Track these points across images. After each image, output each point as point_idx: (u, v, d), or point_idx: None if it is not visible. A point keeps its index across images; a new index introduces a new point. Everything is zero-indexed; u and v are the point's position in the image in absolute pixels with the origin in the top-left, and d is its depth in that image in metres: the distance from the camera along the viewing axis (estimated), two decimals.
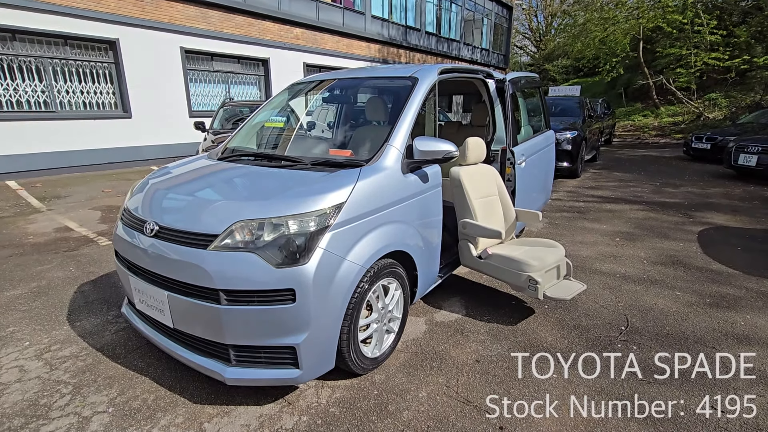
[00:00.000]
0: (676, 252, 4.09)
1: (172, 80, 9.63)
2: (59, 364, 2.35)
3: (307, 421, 1.91)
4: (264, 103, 3.29)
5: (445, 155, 2.32)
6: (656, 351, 2.44)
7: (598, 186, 7.47)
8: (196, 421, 1.91)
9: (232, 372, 1.86)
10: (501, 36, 23.85)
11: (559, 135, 7.87)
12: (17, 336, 2.63)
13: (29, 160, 7.76)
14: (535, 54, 36.71)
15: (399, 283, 2.34)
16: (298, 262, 1.75)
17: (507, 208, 3.13)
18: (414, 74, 2.72)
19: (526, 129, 4.22)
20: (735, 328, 2.69)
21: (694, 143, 10.12)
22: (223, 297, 1.77)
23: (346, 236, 1.91)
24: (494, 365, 2.32)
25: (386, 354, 2.34)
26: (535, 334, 2.63)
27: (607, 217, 5.38)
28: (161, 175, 2.51)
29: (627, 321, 2.79)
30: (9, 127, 7.55)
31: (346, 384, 2.16)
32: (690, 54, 15.12)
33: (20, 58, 7.62)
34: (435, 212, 2.57)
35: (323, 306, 1.82)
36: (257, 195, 1.99)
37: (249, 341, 1.81)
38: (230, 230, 1.80)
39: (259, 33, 11.26)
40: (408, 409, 1.98)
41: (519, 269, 2.64)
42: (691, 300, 3.09)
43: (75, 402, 2.04)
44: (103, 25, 8.38)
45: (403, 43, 16.64)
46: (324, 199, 1.87)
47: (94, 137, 8.58)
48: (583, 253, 4.09)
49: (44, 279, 3.47)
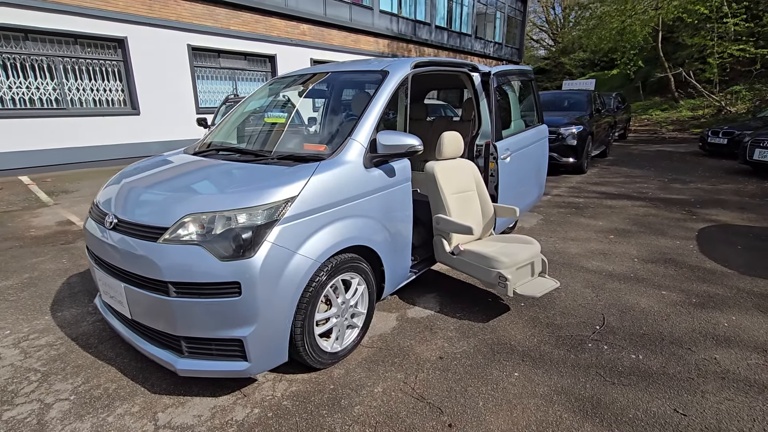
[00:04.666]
0: (670, 250, 3.96)
1: (179, 77, 9.79)
2: (34, 352, 2.43)
3: (258, 414, 1.92)
4: (245, 98, 3.31)
5: (409, 149, 2.29)
6: (628, 351, 2.36)
7: (602, 182, 7.28)
8: (151, 410, 1.95)
9: (183, 363, 1.89)
10: (515, 29, 23.41)
11: (563, 130, 7.70)
12: (1, 325, 2.73)
13: (41, 156, 8.03)
14: (551, 47, 35.95)
15: (363, 278, 2.33)
16: (244, 256, 1.76)
17: (485, 203, 3.08)
18: (385, 68, 2.69)
19: (517, 123, 4.14)
20: (716, 329, 2.58)
21: (710, 138, 9.74)
22: (172, 289, 1.79)
23: (298, 230, 1.91)
24: (456, 362, 2.29)
25: (348, 349, 2.34)
26: (505, 332, 2.58)
27: (605, 214, 5.24)
28: (132, 169, 2.55)
29: (603, 320, 2.71)
30: (22, 124, 7.83)
31: (304, 377, 2.17)
32: (714, 45, 14.49)
33: (32, 57, 7.87)
34: (403, 207, 2.54)
35: (271, 300, 1.82)
36: (211, 189, 2.01)
37: (198, 333, 1.83)
38: (180, 223, 1.82)
39: (266, 29, 11.34)
40: (361, 404, 1.98)
41: (489, 266, 2.60)
42: (676, 299, 2.98)
43: (41, 389, 2.11)
44: (111, 24, 8.58)
45: (413, 38, 16.51)
46: (274, 193, 1.87)
47: (103, 134, 8.82)
48: (572, 250, 3.99)
49: (36, 270, 3.59)
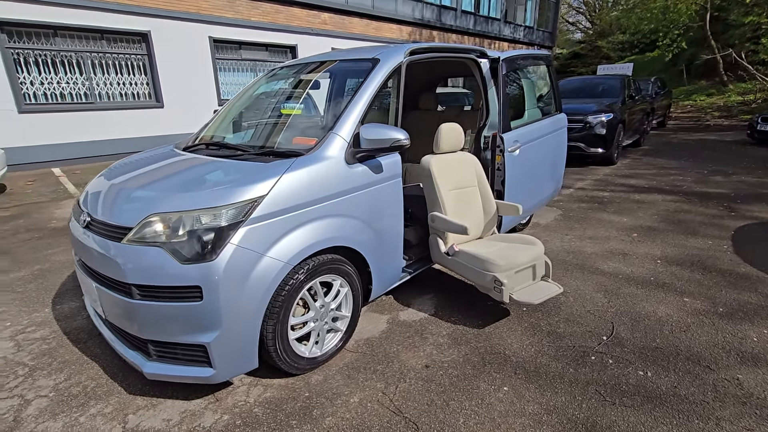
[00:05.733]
0: (700, 251, 3.60)
1: (201, 70, 9.91)
2: (27, 345, 2.47)
3: (226, 421, 1.86)
4: (241, 90, 3.23)
5: (394, 144, 2.13)
6: (635, 367, 2.13)
7: (632, 174, 6.80)
8: (122, 412, 1.92)
9: (151, 366, 1.84)
10: (547, 12, 22.30)
11: (592, 118, 7.25)
12: (4, 316, 2.81)
13: (72, 148, 8.36)
14: (588, 30, 34.14)
15: (346, 280, 2.21)
16: (205, 259, 1.67)
17: (487, 200, 2.88)
18: (376, 55, 2.53)
19: (532, 112, 3.86)
20: (743, 345, 2.30)
21: (760, 125, 8.93)
22: (135, 291, 1.74)
23: (267, 231, 1.80)
24: (442, 372, 2.14)
25: (330, 354, 2.23)
26: (501, 340, 2.40)
27: (631, 210, 4.86)
28: (116, 166, 2.52)
29: (612, 329, 2.48)
30: (54, 118, 8.16)
31: (281, 383, 2.09)
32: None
33: (62, 53, 8.16)
34: (392, 205, 2.39)
35: (236, 304, 1.73)
36: (180, 188, 1.92)
37: (162, 337, 1.77)
38: (143, 223, 1.75)
39: (287, 20, 11.27)
40: (333, 415, 1.87)
41: (484, 269, 2.42)
42: (700, 308, 2.69)
43: (24, 384, 2.13)
44: (135, 18, 8.75)
45: (437, 24, 16.03)
46: (240, 193, 1.77)
47: (129, 126, 9.07)
48: (588, 249, 3.71)
49: (48, 262, 3.69)
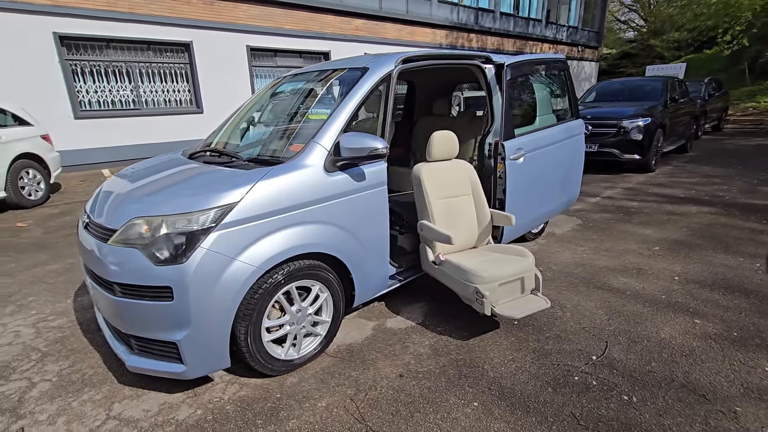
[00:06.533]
0: (727, 269, 3.31)
1: (238, 77, 10.40)
2: (45, 333, 2.72)
3: (199, 415, 1.95)
4: (247, 99, 3.37)
5: (371, 152, 2.15)
6: (620, 391, 2.01)
7: (669, 183, 6.36)
8: (110, 400, 2.07)
9: (133, 360, 1.97)
10: (594, 11, 21.33)
11: (627, 122, 6.88)
12: (32, 305, 3.10)
13: (119, 151, 9.04)
14: (642, 28, 32.32)
15: (325, 285, 2.25)
16: (176, 261, 1.78)
17: (481, 210, 2.82)
18: (366, 64, 2.56)
19: (544, 118, 3.74)
20: (751, 375, 2.10)
21: None
22: (117, 289, 1.87)
23: (238, 236, 1.88)
24: (415, 383, 2.12)
25: (308, 357, 2.28)
26: (483, 353, 2.34)
27: (659, 221, 4.55)
28: (124, 171, 2.72)
29: (605, 349, 2.34)
30: (105, 123, 8.88)
31: (257, 383, 2.16)
32: None
33: (113, 63, 8.87)
34: (376, 213, 2.41)
35: (206, 305, 1.82)
36: (166, 193, 2.05)
37: (140, 333, 1.90)
38: (127, 225, 1.89)
39: (320, 27, 11.57)
40: (298, 418, 1.91)
41: (467, 280, 2.37)
42: (710, 331, 2.48)
43: (35, 368, 2.35)
44: (179, 30, 9.34)
45: (474, 27, 15.80)
46: (214, 199, 1.86)
47: (173, 131, 9.68)
48: (601, 262, 3.52)
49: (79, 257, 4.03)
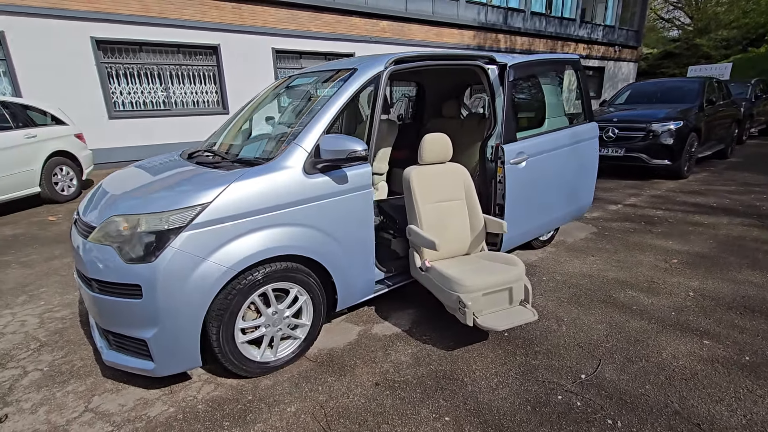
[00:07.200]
0: (750, 285, 3.04)
1: (264, 78, 10.62)
2: (48, 323, 2.84)
3: (170, 413, 1.97)
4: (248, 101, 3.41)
5: (350, 154, 2.11)
6: (604, 414, 1.86)
7: (702, 190, 5.94)
8: (92, 392, 2.13)
9: (108, 354, 2.02)
10: (633, 8, 20.36)
11: (657, 126, 6.50)
12: (43, 296, 3.26)
13: (152, 150, 9.43)
14: (688, 27, 30.58)
15: (304, 288, 2.23)
16: (146, 260, 1.80)
17: (474, 215, 2.72)
18: (355, 65, 2.52)
19: (554, 121, 3.58)
20: (757, 405, 1.89)
21: None
22: (95, 285, 1.92)
23: (210, 237, 1.88)
24: (389, 393, 2.05)
25: (285, 360, 2.26)
26: (465, 365, 2.24)
27: (683, 232, 4.25)
28: (121, 171, 2.80)
29: (597, 367, 2.19)
30: (138, 123, 9.31)
31: (232, 384, 2.16)
32: None
33: (145, 66, 9.28)
34: (359, 216, 2.36)
35: (175, 305, 1.83)
36: (147, 192, 2.08)
37: (115, 329, 1.94)
38: (104, 223, 1.93)
39: (346, 29, 11.66)
40: (264, 422, 1.89)
41: (450, 288, 2.28)
42: (719, 355, 2.27)
43: (31, 357, 2.45)
44: (207, 33, 9.66)
45: (503, 27, 15.45)
46: (187, 199, 1.87)
47: (201, 131, 9.99)
48: (610, 274, 3.31)
49: None
